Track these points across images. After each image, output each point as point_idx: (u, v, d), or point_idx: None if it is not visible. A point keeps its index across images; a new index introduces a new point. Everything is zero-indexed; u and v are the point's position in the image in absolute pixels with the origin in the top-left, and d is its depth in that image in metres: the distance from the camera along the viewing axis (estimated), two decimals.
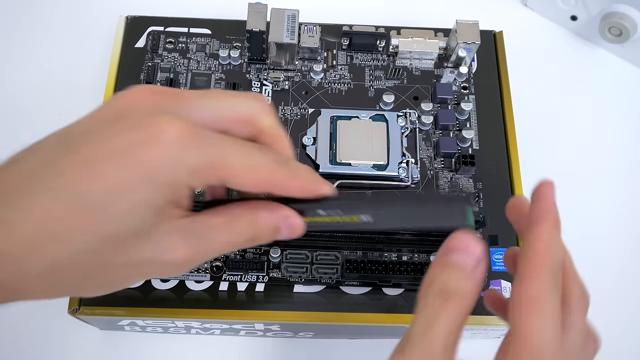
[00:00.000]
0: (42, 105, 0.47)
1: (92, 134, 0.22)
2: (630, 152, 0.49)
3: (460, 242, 0.25)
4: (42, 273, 0.22)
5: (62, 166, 0.21)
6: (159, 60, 0.43)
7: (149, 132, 0.21)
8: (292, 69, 0.43)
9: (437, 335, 0.23)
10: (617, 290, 0.44)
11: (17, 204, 0.21)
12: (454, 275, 0.24)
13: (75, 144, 0.22)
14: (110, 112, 0.23)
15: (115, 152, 0.21)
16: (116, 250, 0.22)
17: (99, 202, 0.21)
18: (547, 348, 0.22)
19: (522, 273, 0.24)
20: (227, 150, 0.23)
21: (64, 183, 0.21)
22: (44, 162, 0.22)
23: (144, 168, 0.21)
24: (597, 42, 0.52)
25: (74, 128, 0.23)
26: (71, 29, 0.51)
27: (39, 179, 0.21)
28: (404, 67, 0.43)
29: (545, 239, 0.25)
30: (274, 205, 0.25)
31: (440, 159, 0.40)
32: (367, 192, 0.39)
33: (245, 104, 0.25)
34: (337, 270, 0.36)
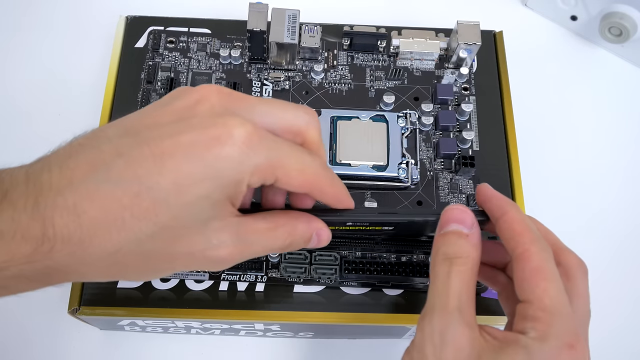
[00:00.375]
0: (43, 105, 0.47)
1: (161, 128, 0.23)
2: (630, 152, 0.49)
3: (452, 213, 0.28)
4: (103, 257, 0.23)
5: (132, 158, 0.22)
6: (160, 60, 0.43)
7: (219, 132, 0.23)
8: (292, 69, 0.43)
9: (450, 295, 0.26)
10: (617, 291, 0.44)
11: (85, 190, 0.22)
12: (453, 240, 0.27)
13: (144, 137, 0.23)
14: (178, 108, 0.24)
15: (186, 149, 0.23)
16: (171, 239, 0.24)
17: (164, 194, 0.22)
18: (561, 307, 0.25)
19: (516, 253, 0.26)
20: (285, 152, 0.25)
21: (133, 174, 0.22)
22: (113, 152, 0.23)
23: (212, 166, 0.23)
24: (597, 42, 0.52)
25: (141, 120, 0.24)
26: (71, 29, 0.51)
27: (107, 168, 0.22)
28: (405, 67, 0.43)
29: (518, 218, 0.28)
30: (309, 217, 0.28)
31: (440, 160, 0.40)
32: (367, 192, 0.39)
33: (300, 116, 0.26)
34: (336, 271, 0.36)
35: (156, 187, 0.22)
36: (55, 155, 0.24)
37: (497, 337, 0.26)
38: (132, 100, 0.41)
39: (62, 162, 0.23)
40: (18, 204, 0.22)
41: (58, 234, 0.22)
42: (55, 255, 0.22)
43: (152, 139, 0.23)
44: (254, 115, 0.25)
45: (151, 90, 0.42)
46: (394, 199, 0.39)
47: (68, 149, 0.24)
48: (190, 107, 0.24)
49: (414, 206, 0.39)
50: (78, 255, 0.23)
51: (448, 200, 0.39)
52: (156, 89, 0.42)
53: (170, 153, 0.23)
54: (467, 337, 0.25)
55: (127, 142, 0.23)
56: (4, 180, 0.23)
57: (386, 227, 0.34)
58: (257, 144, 0.23)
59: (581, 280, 0.28)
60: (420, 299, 0.37)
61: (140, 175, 0.22)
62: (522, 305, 0.26)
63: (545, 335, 0.25)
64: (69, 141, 0.25)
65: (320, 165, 0.26)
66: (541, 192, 0.46)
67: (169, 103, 0.25)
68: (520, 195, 0.40)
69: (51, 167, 0.23)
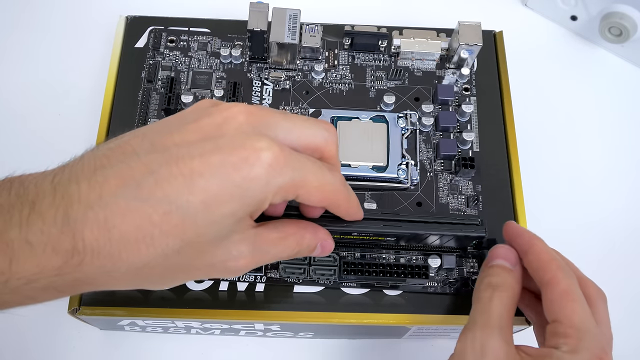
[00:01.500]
0: (43, 105, 0.47)
1: (190, 146, 0.24)
2: (630, 152, 0.49)
3: (499, 250, 0.33)
4: (130, 271, 0.24)
5: (162, 176, 0.23)
6: (160, 59, 0.43)
7: (247, 154, 0.24)
8: (293, 69, 0.43)
9: (492, 315, 0.29)
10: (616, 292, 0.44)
11: (116, 206, 0.23)
12: (497, 272, 0.32)
13: (173, 154, 0.24)
14: (206, 125, 0.25)
15: (215, 169, 0.23)
16: (195, 254, 0.25)
17: (193, 212, 0.23)
18: (589, 324, 0.28)
19: (545, 280, 0.30)
20: (307, 171, 0.26)
21: (163, 193, 0.23)
22: (142, 168, 0.23)
23: (239, 186, 0.24)
24: (597, 42, 0.52)
25: (168, 136, 0.25)
26: (71, 29, 0.51)
27: (137, 185, 0.23)
28: (406, 67, 0.43)
29: (544, 250, 0.31)
30: (316, 228, 0.30)
31: (440, 161, 0.40)
32: (367, 193, 0.39)
33: (320, 133, 0.28)
34: (335, 271, 0.36)
35: (186, 206, 0.23)
36: (81, 166, 0.24)
37: (531, 354, 0.28)
38: (133, 100, 0.41)
39: (90, 175, 0.23)
40: (47, 216, 0.22)
41: (88, 248, 0.23)
42: (84, 268, 0.23)
43: (181, 158, 0.24)
44: (278, 132, 0.26)
45: (151, 89, 0.42)
46: (393, 199, 0.39)
47: (93, 161, 0.24)
48: (219, 126, 0.25)
49: (413, 207, 0.39)
50: (107, 269, 0.23)
51: (447, 202, 0.39)
52: (156, 88, 0.42)
53: (200, 172, 0.23)
54: (505, 351, 0.28)
55: (156, 159, 0.24)
56: (29, 189, 0.23)
57: (389, 238, 0.34)
58: (283, 165, 0.24)
59: (602, 307, 0.31)
60: (420, 300, 0.37)
61: (170, 194, 0.23)
62: (552, 325, 0.29)
63: (576, 348, 0.27)
64: (90, 150, 0.25)
65: (339, 181, 0.28)
66: (541, 192, 0.46)
67: (196, 120, 0.25)
68: (520, 196, 0.40)
69: (79, 179, 0.23)
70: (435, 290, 0.37)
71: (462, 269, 0.37)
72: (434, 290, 0.37)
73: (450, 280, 0.37)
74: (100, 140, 0.40)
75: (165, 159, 0.24)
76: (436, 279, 0.37)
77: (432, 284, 0.37)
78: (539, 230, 0.41)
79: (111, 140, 0.26)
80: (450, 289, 0.37)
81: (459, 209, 0.39)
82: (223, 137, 0.24)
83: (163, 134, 0.25)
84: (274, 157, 0.24)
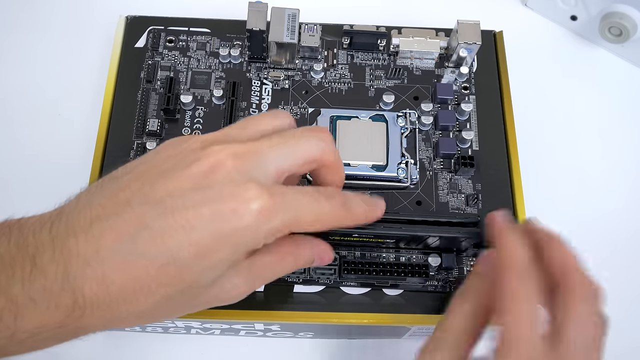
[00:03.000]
0: (43, 105, 0.47)
1: (182, 197, 0.25)
2: (630, 152, 0.49)
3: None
4: (130, 317, 0.25)
5: (156, 230, 0.24)
6: (159, 59, 0.43)
7: (237, 205, 0.24)
8: (292, 68, 0.43)
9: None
10: (618, 292, 0.44)
11: (113, 262, 0.24)
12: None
13: (167, 207, 0.24)
14: (195, 174, 0.25)
15: (207, 222, 0.24)
16: (192, 295, 0.26)
17: (188, 262, 0.24)
18: (521, 334, 0.25)
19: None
20: (301, 209, 0.26)
21: (158, 247, 0.24)
22: (136, 222, 0.24)
23: (232, 235, 0.24)
24: (597, 42, 0.52)
25: (161, 185, 0.25)
26: (71, 29, 0.51)
27: (133, 240, 0.24)
28: (405, 66, 0.43)
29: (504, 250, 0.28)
30: (313, 242, 0.30)
31: (439, 160, 0.40)
32: (366, 192, 0.39)
33: (314, 145, 0.28)
34: (335, 271, 0.36)
35: (181, 258, 0.24)
36: (77, 215, 0.25)
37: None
38: (132, 101, 0.41)
39: (86, 228, 0.24)
40: (49, 272, 0.23)
41: (88, 302, 0.24)
42: (85, 319, 0.24)
43: (174, 210, 0.24)
44: (269, 167, 0.26)
45: (150, 89, 0.42)
46: (393, 198, 0.39)
47: (89, 211, 0.25)
48: (207, 174, 0.25)
49: (413, 206, 0.39)
50: (107, 318, 0.25)
51: (447, 200, 0.39)
52: (155, 88, 0.42)
53: (193, 225, 0.24)
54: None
55: (149, 212, 0.24)
56: (28, 240, 0.24)
57: (388, 240, 0.34)
58: (273, 211, 0.25)
59: (574, 303, 0.26)
60: (420, 300, 0.37)
61: (165, 247, 0.24)
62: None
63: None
64: (85, 194, 0.26)
65: (338, 206, 0.27)
66: (541, 191, 0.46)
67: (187, 166, 0.25)
68: (520, 195, 0.40)
69: (76, 232, 0.24)
70: (435, 289, 0.37)
71: (463, 268, 0.37)
72: (434, 289, 0.37)
73: (450, 279, 0.37)
74: (100, 142, 0.40)
75: (159, 211, 0.24)
76: (436, 277, 0.37)
77: (432, 282, 0.37)
78: None
79: (105, 182, 0.26)
80: (450, 288, 0.37)
81: (459, 207, 0.39)
82: (212, 187, 0.25)
83: (155, 180, 0.25)
84: (262, 205, 0.24)
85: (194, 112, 0.41)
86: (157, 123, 0.40)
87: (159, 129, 0.40)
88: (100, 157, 0.40)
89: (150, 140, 0.40)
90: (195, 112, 0.41)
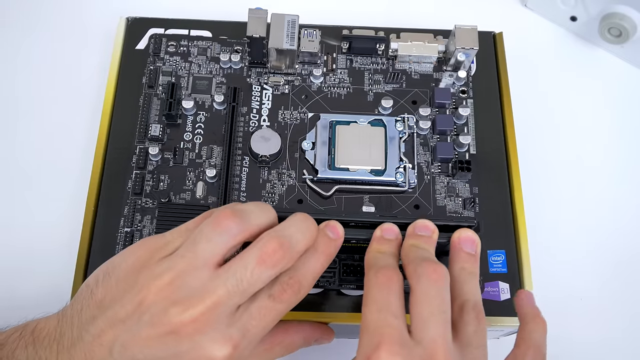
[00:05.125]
0: (43, 107, 0.48)
1: (153, 352, 0.27)
2: (630, 153, 0.49)
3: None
4: None
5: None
6: (161, 64, 0.43)
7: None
8: (292, 73, 0.43)
9: None
10: (619, 295, 0.45)
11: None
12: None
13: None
14: (166, 333, 0.27)
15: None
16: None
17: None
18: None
19: None
20: (266, 326, 0.29)
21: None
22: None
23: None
24: (596, 43, 0.52)
25: (135, 344, 0.27)
26: (71, 30, 0.51)
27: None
28: (403, 70, 0.44)
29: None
30: (305, 329, 0.34)
31: (437, 164, 0.41)
32: (365, 197, 0.39)
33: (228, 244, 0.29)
34: (335, 274, 0.37)
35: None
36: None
37: None
38: (133, 105, 0.42)
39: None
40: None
41: None
42: None
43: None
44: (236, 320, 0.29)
45: (152, 94, 0.42)
46: (391, 203, 0.39)
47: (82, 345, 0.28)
48: (175, 331, 0.27)
49: (411, 210, 0.39)
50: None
51: (445, 204, 0.39)
52: (157, 93, 0.42)
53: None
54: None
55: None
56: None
57: None
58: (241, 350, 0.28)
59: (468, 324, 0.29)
60: None
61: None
62: None
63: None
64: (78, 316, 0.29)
65: (293, 292, 0.30)
66: (541, 194, 0.46)
67: (152, 327, 0.27)
68: (520, 198, 0.40)
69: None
70: None
71: None
72: None
73: None
74: (100, 144, 0.41)
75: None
76: None
77: None
78: (538, 233, 0.41)
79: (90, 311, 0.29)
80: None
81: (456, 211, 0.39)
82: (181, 343, 0.27)
83: (133, 342, 0.27)
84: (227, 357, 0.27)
85: (195, 117, 0.42)
86: (159, 128, 0.40)
87: (161, 134, 0.40)
88: (100, 160, 0.40)
89: (152, 145, 0.40)
90: (196, 117, 0.42)
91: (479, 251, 0.32)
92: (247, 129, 0.41)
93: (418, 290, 0.28)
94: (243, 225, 0.29)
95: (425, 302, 0.28)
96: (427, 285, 0.28)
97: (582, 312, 0.43)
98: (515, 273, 0.38)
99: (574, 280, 0.44)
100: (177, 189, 0.39)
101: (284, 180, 0.40)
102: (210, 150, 0.41)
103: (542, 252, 0.41)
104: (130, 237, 0.38)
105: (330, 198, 0.39)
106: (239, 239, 0.28)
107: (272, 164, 0.40)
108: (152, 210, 0.39)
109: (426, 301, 0.28)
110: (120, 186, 0.39)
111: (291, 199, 0.39)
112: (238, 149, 0.40)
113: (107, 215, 0.39)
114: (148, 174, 0.40)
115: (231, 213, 0.28)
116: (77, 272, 0.37)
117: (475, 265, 0.31)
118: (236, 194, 0.39)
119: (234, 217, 0.28)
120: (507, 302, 0.38)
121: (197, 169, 0.40)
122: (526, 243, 0.39)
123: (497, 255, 0.39)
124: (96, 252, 0.38)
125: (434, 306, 0.28)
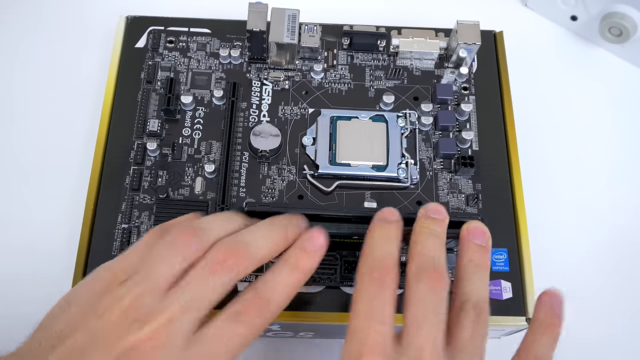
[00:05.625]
0: (43, 106, 0.47)
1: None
2: (630, 152, 0.49)
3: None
4: None
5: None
6: (160, 59, 0.43)
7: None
8: (292, 69, 0.43)
9: None
10: (621, 292, 0.44)
11: None
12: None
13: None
14: (125, 350, 0.26)
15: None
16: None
17: None
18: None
19: None
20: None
21: None
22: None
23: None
24: (597, 42, 0.52)
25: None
26: (71, 29, 0.51)
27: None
28: (405, 67, 0.43)
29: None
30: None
31: (439, 160, 0.40)
32: (367, 193, 0.39)
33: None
34: (336, 271, 0.36)
35: None
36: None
37: None
38: (132, 101, 0.41)
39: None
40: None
41: None
42: None
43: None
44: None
45: (151, 90, 0.42)
46: (393, 199, 0.39)
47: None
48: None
49: (413, 206, 0.39)
50: None
51: (447, 200, 0.39)
52: (156, 88, 0.42)
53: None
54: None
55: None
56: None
57: None
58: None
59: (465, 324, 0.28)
60: None
61: None
62: None
63: None
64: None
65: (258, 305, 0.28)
66: (541, 191, 0.46)
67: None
68: (520, 194, 0.40)
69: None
70: None
71: None
72: None
73: (452, 278, 0.37)
74: (100, 142, 0.40)
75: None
76: None
77: None
78: (539, 230, 0.41)
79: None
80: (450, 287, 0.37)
81: (459, 207, 0.39)
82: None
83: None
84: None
85: (194, 112, 0.41)
86: (157, 123, 0.40)
87: (159, 129, 0.40)
88: (100, 157, 0.40)
89: (150, 141, 0.40)
90: (195, 112, 0.41)
91: (489, 244, 0.31)
92: (247, 124, 0.41)
93: (414, 293, 0.28)
94: (201, 244, 0.28)
95: (421, 305, 0.27)
96: (424, 291, 0.28)
97: (583, 311, 0.43)
98: (517, 272, 0.38)
99: (575, 279, 0.44)
100: (176, 184, 0.39)
101: (284, 175, 0.39)
102: (210, 146, 0.40)
103: (543, 252, 0.40)
104: (128, 233, 0.37)
105: (332, 194, 0.39)
106: (195, 257, 0.28)
107: (272, 160, 0.40)
108: (150, 206, 0.38)
109: (421, 305, 0.27)
110: (118, 182, 0.39)
111: (291, 194, 0.39)
112: (237, 145, 0.40)
113: (106, 212, 0.38)
114: (146, 170, 0.39)
115: (189, 232, 0.28)
116: (76, 272, 0.37)
117: (484, 258, 0.30)
118: (235, 190, 0.39)
119: (193, 236, 0.28)
120: (509, 301, 0.37)
121: (195, 164, 0.39)
122: (527, 242, 0.39)
123: (500, 253, 0.38)
124: (96, 249, 0.37)
125: (428, 310, 0.27)
